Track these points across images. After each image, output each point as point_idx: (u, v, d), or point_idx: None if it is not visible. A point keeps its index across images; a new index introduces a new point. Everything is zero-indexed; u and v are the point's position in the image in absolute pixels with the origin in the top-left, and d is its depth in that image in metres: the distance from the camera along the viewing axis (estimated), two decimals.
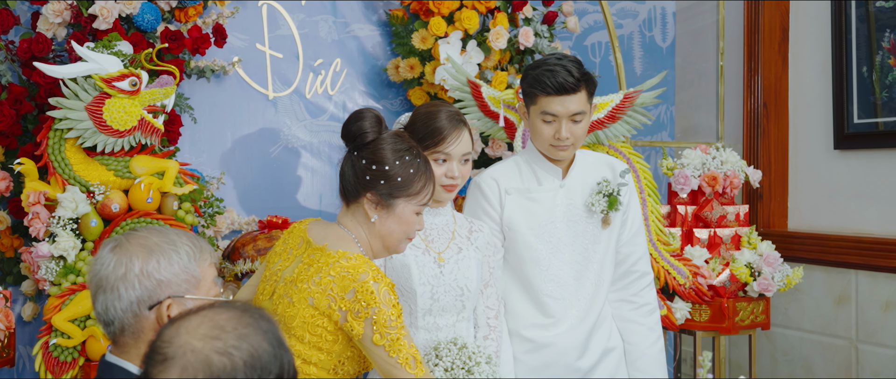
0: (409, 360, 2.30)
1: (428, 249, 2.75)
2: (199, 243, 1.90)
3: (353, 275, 2.30)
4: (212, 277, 1.92)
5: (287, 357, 1.45)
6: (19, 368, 3.46)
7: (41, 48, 3.19)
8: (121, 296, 1.82)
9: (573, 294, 2.98)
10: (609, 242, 3.07)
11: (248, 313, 1.45)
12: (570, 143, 2.92)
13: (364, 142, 2.42)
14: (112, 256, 1.84)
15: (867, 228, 4.07)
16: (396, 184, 2.39)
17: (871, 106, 4.03)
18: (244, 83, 3.78)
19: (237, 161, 3.77)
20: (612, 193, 3.00)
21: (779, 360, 4.44)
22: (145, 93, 3.03)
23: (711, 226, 3.91)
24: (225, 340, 1.40)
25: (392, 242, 2.47)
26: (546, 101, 2.88)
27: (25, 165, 3.01)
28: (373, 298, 2.27)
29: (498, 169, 3.08)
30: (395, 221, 2.43)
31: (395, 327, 2.29)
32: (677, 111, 4.94)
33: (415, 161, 2.43)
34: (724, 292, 3.79)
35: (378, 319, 2.27)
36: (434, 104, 2.82)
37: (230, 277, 3.40)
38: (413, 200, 2.43)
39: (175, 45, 3.37)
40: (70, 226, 2.96)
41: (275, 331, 1.46)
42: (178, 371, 1.37)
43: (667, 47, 4.92)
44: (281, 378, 1.43)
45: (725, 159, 3.92)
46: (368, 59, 4.05)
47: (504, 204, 3.00)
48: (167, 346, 1.40)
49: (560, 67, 2.85)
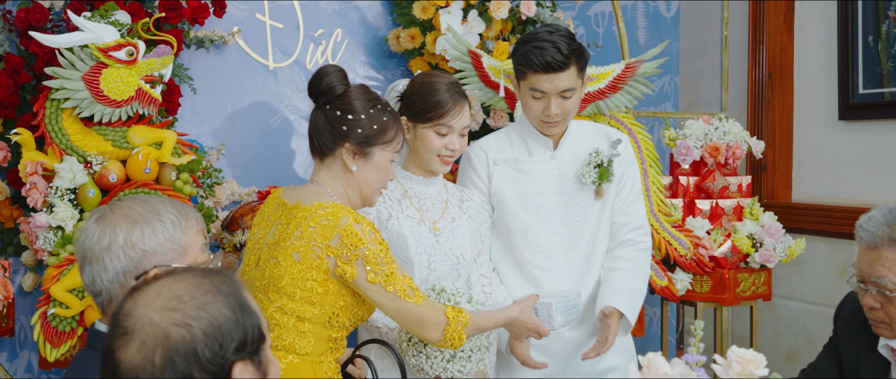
0: (407, 290, 2.37)
1: (423, 219, 2.75)
2: (184, 211, 1.89)
3: (334, 221, 2.34)
4: (199, 244, 1.91)
5: (251, 321, 1.42)
6: (21, 338, 3.48)
7: (39, 18, 3.18)
8: (106, 267, 1.81)
9: (563, 266, 2.96)
10: (602, 213, 3.03)
11: (208, 279, 1.43)
12: (559, 119, 2.90)
13: (334, 95, 2.47)
14: (96, 227, 1.83)
15: (871, 199, 4.04)
16: (372, 132, 2.45)
17: (878, 76, 3.99)
18: (244, 54, 3.76)
19: (237, 132, 3.76)
20: (602, 163, 2.97)
21: (781, 331, 4.43)
22: (142, 63, 3.02)
23: (713, 197, 3.89)
24: (183, 310, 1.37)
25: (369, 192, 2.52)
26: (535, 79, 2.85)
27: (22, 135, 3.00)
28: (358, 239, 2.32)
29: (488, 139, 3.07)
30: (372, 169, 2.48)
31: (386, 263, 2.35)
32: (681, 82, 4.90)
33: (385, 110, 2.50)
34: (725, 263, 3.78)
35: (368, 257, 2.33)
36: (432, 75, 2.81)
37: (229, 247, 3.40)
38: (388, 148, 2.49)
39: (173, 14, 3.36)
40: (68, 196, 2.96)
41: (238, 295, 1.43)
42: (137, 345, 1.36)
43: (671, 17, 4.87)
44: (244, 342, 1.41)
45: (728, 130, 3.90)
46: (369, 29, 4.03)
47: (492, 174, 2.99)
48: (126, 319, 1.38)
49: (549, 44, 2.80)
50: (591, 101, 3.60)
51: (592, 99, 3.59)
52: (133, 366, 1.36)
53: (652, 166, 3.74)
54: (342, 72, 2.50)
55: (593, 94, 3.57)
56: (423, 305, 2.39)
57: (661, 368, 1.73)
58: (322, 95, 2.48)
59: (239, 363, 1.40)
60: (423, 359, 2.59)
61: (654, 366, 1.73)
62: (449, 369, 2.59)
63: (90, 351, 1.84)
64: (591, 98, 3.59)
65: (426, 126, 2.70)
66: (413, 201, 2.77)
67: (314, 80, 2.49)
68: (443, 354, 2.59)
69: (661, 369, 1.73)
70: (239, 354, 1.40)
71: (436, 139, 2.70)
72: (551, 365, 2.97)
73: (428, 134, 2.71)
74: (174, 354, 1.35)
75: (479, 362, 2.65)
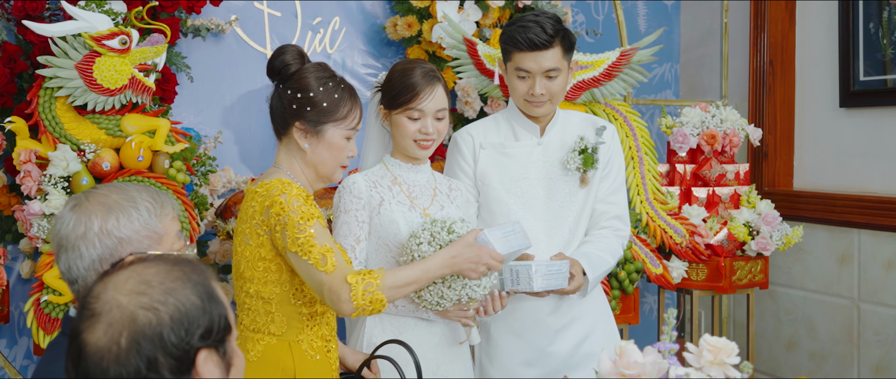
0: (320, 258, 2.26)
1: (413, 205, 2.76)
2: (160, 198, 1.90)
3: (268, 196, 2.33)
4: (175, 231, 1.92)
5: (217, 310, 1.44)
6: (20, 325, 3.51)
7: (35, 7, 3.20)
8: (82, 255, 1.82)
9: (544, 251, 2.96)
10: (585, 201, 3.04)
11: (178, 266, 1.44)
12: (545, 99, 2.90)
13: (288, 73, 2.45)
14: (72, 215, 1.84)
15: (871, 187, 4.03)
16: (322, 109, 2.42)
17: (879, 63, 3.96)
18: (242, 42, 3.78)
19: (236, 120, 3.78)
20: (586, 149, 2.97)
21: (782, 319, 4.42)
22: (136, 51, 3.03)
23: (710, 185, 3.88)
24: (151, 295, 1.39)
25: (326, 171, 2.49)
26: (519, 58, 2.86)
27: (16, 124, 3.03)
28: (282, 207, 2.29)
29: (476, 124, 3.08)
30: (325, 147, 2.44)
31: (304, 231, 2.27)
32: (682, 70, 4.88)
33: (339, 87, 2.46)
34: (721, 251, 3.77)
35: (288, 224, 2.28)
36: (410, 61, 2.82)
37: (222, 234, 3.42)
38: (341, 125, 2.45)
39: (169, 3, 3.37)
40: (61, 184, 2.98)
41: (206, 284, 1.44)
42: (104, 327, 1.37)
43: (672, 5, 4.85)
44: (210, 331, 1.42)
45: (725, 117, 3.89)
46: (367, 17, 4.03)
47: (478, 158, 3.00)
48: (95, 301, 1.40)
49: (534, 23, 2.83)
50: (586, 89, 3.60)
51: (587, 86, 3.59)
52: (98, 347, 1.37)
53: (647, 154, 3.74)
54: (299, 50, 2.48)
55: (588, 81, 3.57)
56: (334, 275, 2.25)
57: (632, 356, 1.73)
58: (278, 74, 2.47)
59: (204, 350, 1.41)
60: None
61: (626, 354, 1.73)
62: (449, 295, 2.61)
63: (63, 337, 1.85)
64: (586, 86, 3.59)
65: (398, 112, 2.72)
66: (403, 188, 2.78)
67: (271, 60, 2.48)
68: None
69: (633, 358, 1.73)
70: (204, 341, 1.41)
71: (409, 124, 2.71)
72: (531, 351, 2.98)
73: (401, 119, 2.72)
74: (140, 337, 1.36)
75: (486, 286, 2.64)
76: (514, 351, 3.01)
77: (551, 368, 3.02)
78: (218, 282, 1.50)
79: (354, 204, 2.71)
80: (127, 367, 1.36)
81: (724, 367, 1.74)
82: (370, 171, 2.80)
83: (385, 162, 2.81)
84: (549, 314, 3.01)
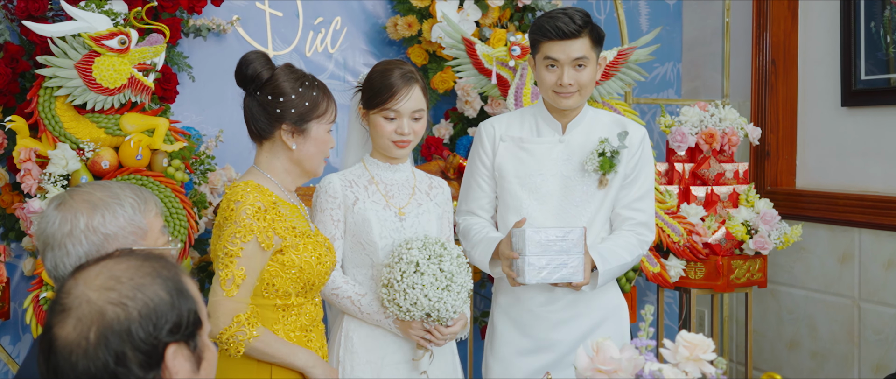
0: (227, 278, 2.38)
1: (388, 204, 2.80)
2: (143, 195, 1.93)
3: (229, 197, 2.44)
4: (158, 226, 1.95)
5: (187, 306, 1.46)
6: (24, 321, 3.55)
7: (37, 7, 3.24)
8: (69, 252, 1.85)
9: None
10: (603, 203, 2.99)
11: (148, 262, 1.47)
12: (574, 90, 2.88)
13: (262, 81, 2.52)
14: (57, 213, 1.86)
15: (872, 186, 4.02)
16: (305, 109, 2.51)
17: (881, 62, 3.96)
18: (244, 42, 3.81)
19: (237, 119, 3.77)
20: (604, 152, 2.94)
21: (783, 318, 4.42)
22: (135, 51, 3.07)
23: (709, 184, 3.88)
24: (120, 290, 1.41)
25: (312, 165, 2.58)
26: (548, 47, 2.87)
27: (16, 123, 3.07)
28: (233, 214, 2.40)
29: (501, 117, 3.08)
30: (312, 143, 2.54)
31: (234, 244, 2.38)
32: (684, 70, 4.88)
33: (313, 85, 2.55)
34: (719, 250, 3.78)
35: (225, 232, 2.40)
36: (390, 62, 2.85)
37: None
38: (323, 120, 2.55)
39: (170, 3, 3.40)
40: (61, 182, 3.02)
41: (176, 279, 1.47)
42: (73, 322, 1.40)
43: (674, 4, 4.85)
44: (179, 325, 1.44)
45: (724, 116, 3.89)
46: (369, 17, 4.06)
47: (497, 150, 3.01)
48: (66, 296, 1.43)
49: (563, 14, 2.86)
50: None
51: None
52: (68, 342, 1.40)
53: None
54: (265, 57, 2.55)
55: None
56: (229, 300, 2.36)
57: (609, 352, 1.75)
58: (251, 83, 2.54)
59: (173, 345, 1.43)
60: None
61: (602, 350, 1.75)
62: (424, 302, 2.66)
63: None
64: None
65: (375, 112, 2.76)
66: (379, 187, 2.82)
67: (239, 69, 2.54)
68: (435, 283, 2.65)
69: (609, 354, 1.74)
70: (173, 336, 1.43)
71: (385, 124, 2.75)
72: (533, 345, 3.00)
73: (377, 120, 2.76)
74: (108, 332, 1.39)
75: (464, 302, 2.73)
76: (513, 341, 3.02)
77: (554, 358, 3.01)
78: (190, 277, 1.52)
79: (329, 203, 2.77)
80: (95, 361, 1.39)
81: (700, 363, 1.75)
82: (348, 171, 2.85)
83: (364, 161, 2.86)
84: (549, 304, 2.99)
